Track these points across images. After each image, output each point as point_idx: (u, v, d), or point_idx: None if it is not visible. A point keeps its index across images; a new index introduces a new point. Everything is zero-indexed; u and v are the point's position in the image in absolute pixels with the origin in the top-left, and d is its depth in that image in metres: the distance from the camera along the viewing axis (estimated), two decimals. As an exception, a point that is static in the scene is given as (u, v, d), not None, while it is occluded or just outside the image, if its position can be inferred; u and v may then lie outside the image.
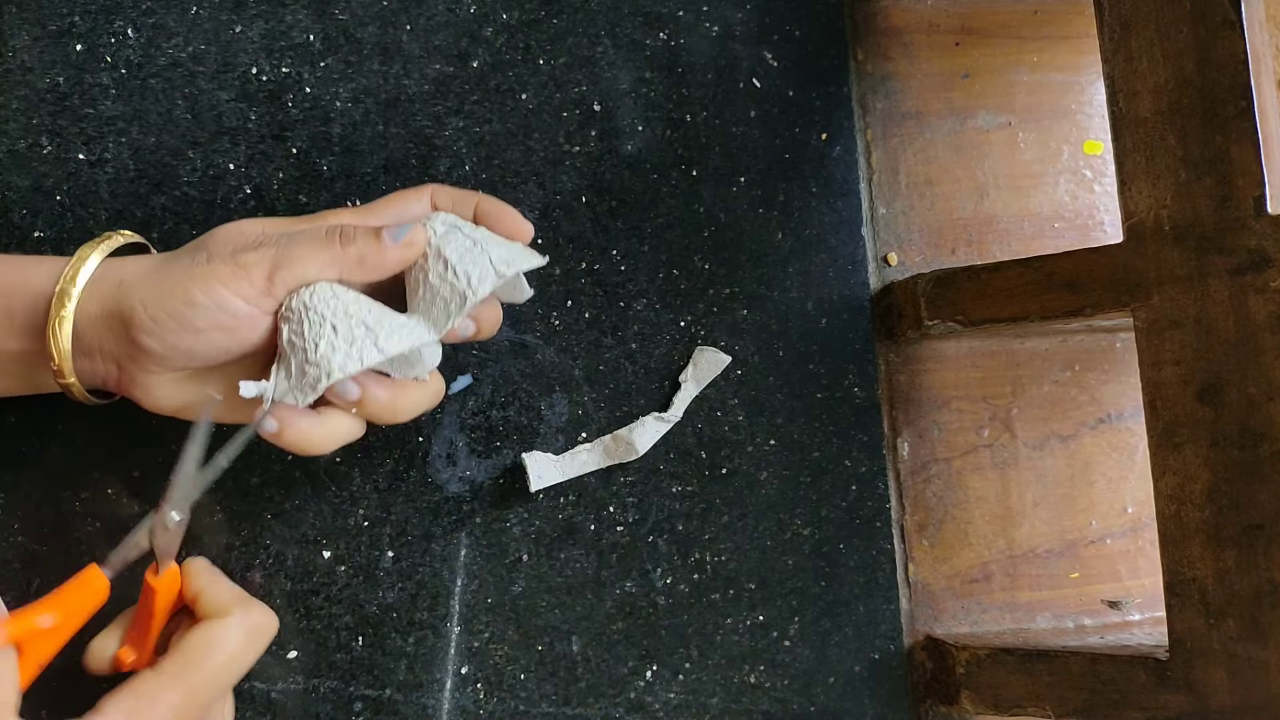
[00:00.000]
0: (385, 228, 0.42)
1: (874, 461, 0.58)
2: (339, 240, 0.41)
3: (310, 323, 0.40)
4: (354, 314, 0.41)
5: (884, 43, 0.62)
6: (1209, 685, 0.46)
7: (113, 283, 0.40)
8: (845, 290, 0.59)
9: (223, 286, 0.39)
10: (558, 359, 0.54)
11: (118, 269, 0.41)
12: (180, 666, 0.40)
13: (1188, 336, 0.47)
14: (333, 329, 0.40)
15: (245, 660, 0.42)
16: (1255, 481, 0.45)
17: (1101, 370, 0.63)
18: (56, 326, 0.40)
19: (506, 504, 0.53)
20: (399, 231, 0.42)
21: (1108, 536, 0.62)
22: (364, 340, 0.41)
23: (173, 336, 0.39)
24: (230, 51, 0.51)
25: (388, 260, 0.42)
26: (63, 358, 0.40)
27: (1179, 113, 0.47)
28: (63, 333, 0.40)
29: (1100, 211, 0.64)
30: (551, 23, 0.56)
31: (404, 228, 0.42)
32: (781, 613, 0.56)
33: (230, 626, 0.41)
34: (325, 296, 0.41)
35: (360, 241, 0.41)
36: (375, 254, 0.42)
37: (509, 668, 0.52)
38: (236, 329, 0.40)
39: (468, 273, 0.42)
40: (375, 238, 0.42)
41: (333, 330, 0.40)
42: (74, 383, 0.41)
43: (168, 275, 0.40)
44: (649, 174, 0.56)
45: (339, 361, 0.40)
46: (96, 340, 0.40)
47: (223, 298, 0.39)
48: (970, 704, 0.55)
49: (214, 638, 0.41)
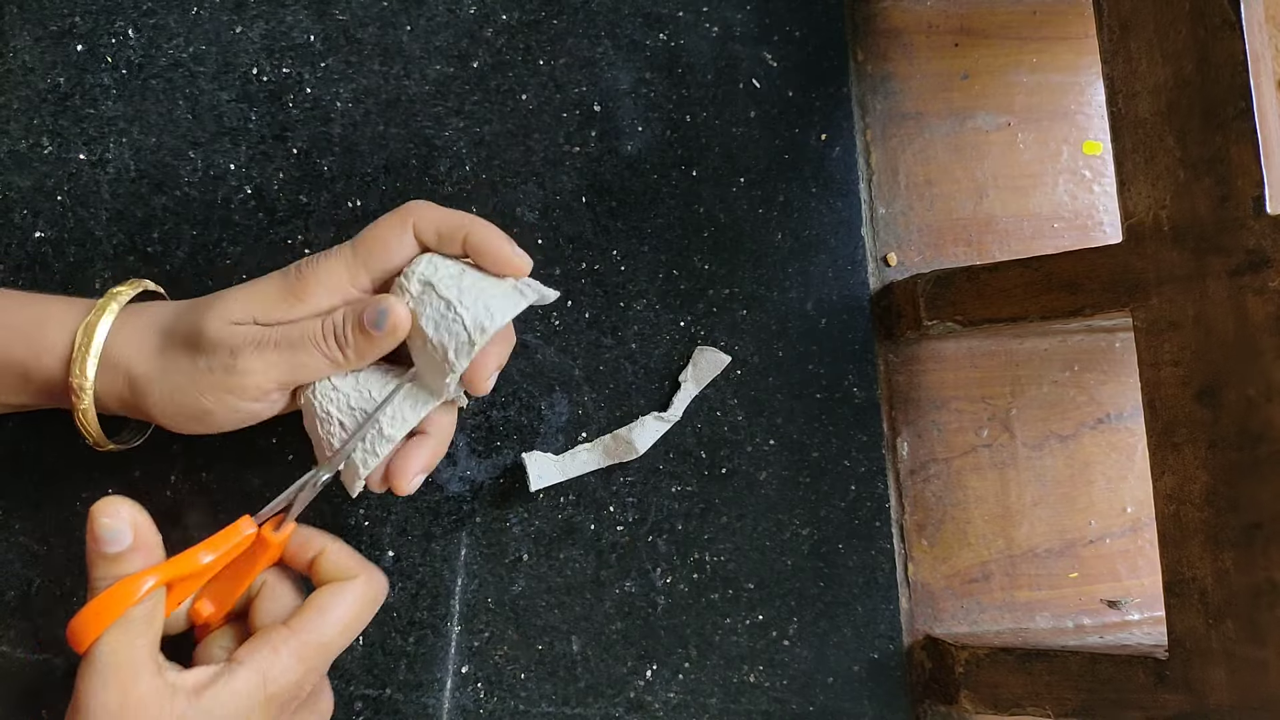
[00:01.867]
0: (365, 314, 0.42)
1: (873, 461, 0.58)
2: (337, 346, 0.42)
3: (320, 420, 0.43)
4: (355, 406, 0.43)
5: (884, 43, 0.62)
6: (1208, 685, 0.46)
7: (123, 377, 0.42)
8: (845, 290, 0.59)
9: (231, 396, 0.41)
10: (558, 359, 0.54)
11: (124, 354, 0.42)
12: (312, 623, 0.41)
13: (1187, 337, 0.47)
14: (340, 426, 0.43)
15: (364, 622, 0.43)
16: (1254, 482, 0.45)
17: (1101, 370, 0.63)
18: (83, 417, 0.42)
19: (506, 504, 0.53)
20: (379, 319, 0.41)
21: (1107, 536, 0.62)
22: (372, 436, 0.43)
23: (193, 427, 0.42)
24: (231, 52, 0.51)
25: (380, 349, 0.42)
26: (97, 439, 0.44)
27: (1178, 113, 0.47)
28: (89, 421, 0.42)
29: (1099, 212, 0.64)
30: (552, 23, 0.56)
31: (382, 311, 0.41)
32: (781, 613, 0.56)
33: (358, 588, 0.42)
34: (326, 391, 0.43)
35: (354, 342, 0.42)
36: (368, 347, 0.42)
37: (509, 667, 0.52)
38: (256, 414, 0.42)
39: (444, 345, 0.42)
40: (362, 332, 0.42)
41: (341, 427, 0.43)
42: (112, 448, 0.45)
43: (174, 382, 0.41)
44: (649, 174, 0.57)
45: (360, 457, 0.43)
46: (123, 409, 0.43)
47: (234, 404, 0.41)
48: (969, 704, 0.55)
49: (343, 599, 0.42)
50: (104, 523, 0.38)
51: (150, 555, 0.39)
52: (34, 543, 0.47)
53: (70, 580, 0.47)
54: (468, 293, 0.42)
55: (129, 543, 0.39)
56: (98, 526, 0.38)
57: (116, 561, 0.39)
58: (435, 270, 0.43)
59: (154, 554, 0.40)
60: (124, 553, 0.39)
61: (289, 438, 0.50)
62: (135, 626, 0.38)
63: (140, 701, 0.37)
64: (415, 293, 0.42)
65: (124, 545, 0.38)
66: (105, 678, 0.37)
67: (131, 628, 0.38)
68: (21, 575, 0.47)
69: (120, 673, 0.37)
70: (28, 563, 0.47)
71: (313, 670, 0.41)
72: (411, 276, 0.43)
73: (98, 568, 0.39)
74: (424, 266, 0.43)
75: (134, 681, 0.37)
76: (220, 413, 0.41)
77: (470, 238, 0.43)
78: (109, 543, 0.38)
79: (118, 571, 0.39)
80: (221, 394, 0.41)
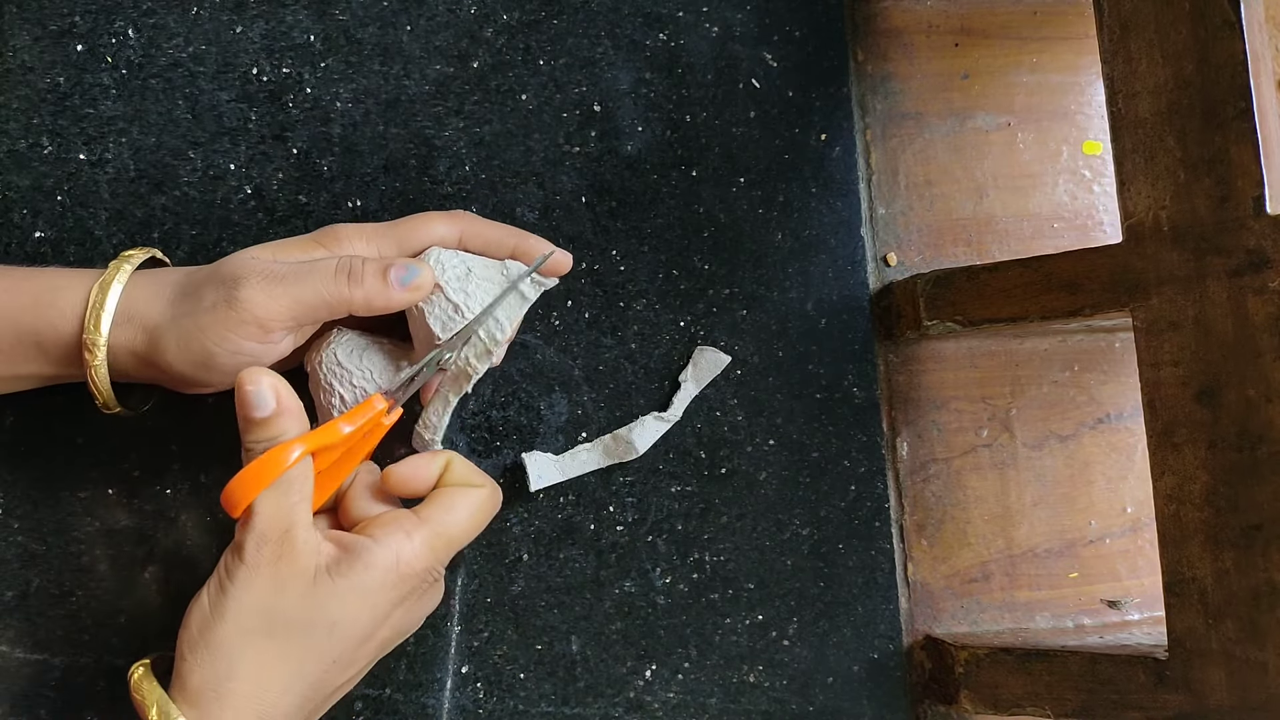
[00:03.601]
0: (393, 266, 0.43)
1: (873, 461, 0.58)
2: (347, 280, 0.42)
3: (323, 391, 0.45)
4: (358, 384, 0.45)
5: (884, 43, 0.62)
6: (1207, 685, 0.46)
7: (137, 329, 0.42)
8: (844, 290, 0.59)
9: (232, 334, 0.41)
10: (557, 359, 0.54)
11: (139, 309, 0.42)
12: (441, 517, 0.43)
13: (1186, 337, 0.47)
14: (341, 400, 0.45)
15: (481, 527, 0.45)
16: (1254, 482, 0.45)
17: (1100, 370, 0.63)
18: (95, 375, 0.42)
19: (506, 503, 0.53)
20: (406, 276, 0.43)
21: (1107, 536, 0.62)
22: None
23: (200, 376, 0.42)
24: (231, 52, 0.51)
25: (392, 303, 0.43)
26: (107, 399, 0.43)
27: (1178, 113, 0.47)
28: (100, 378, 0.42)
29: (1099, 212, 0.64)
30: (552, 23, 0.56)
31: (412, 269, 0.43)
32: (780, 612, 0.56)
33: (482, 494, 0.44)
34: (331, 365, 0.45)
35: (368, 282, 0.42)
36: (381, 296, 0.43)
37: (508, 667, 0.52)
38: (260, 356, 0.42)
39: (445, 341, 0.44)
40: (382, 279, 0.42)
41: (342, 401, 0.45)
42: (120, 411, 0.45)
43: (183, 327, 0.41)
44: (649, 174, 0.57)
45: None
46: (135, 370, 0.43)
47: (235, 345, 0.41)
48: (969, 704, 0.55)
49: (469, 500, 0.44)
50: (249, 390, 0.40)
51: (295, 419, 0.41)
52: (32, 542, 0.47)
53: (69, 580, 0.48)
54: (474, 297, 0.44)
55: (274, 407, 0.40)
56: (244, 393, 0.40)
57: (265, 425, 0.40)
58: (443, 271, 0.44)
59: (299, 418, 0.41)
60: (270, 417, 0.40)
61: (289, 438, 0.50)
62: (289, 488, 0.40)
63: (295, 553, 0.39)
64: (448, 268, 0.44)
65: (269, 410, 0.40)
66: (265, 537, 0.39)
67: (286, 489, 0.40)
68: (20, 575, 0.47)
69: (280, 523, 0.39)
70: (26, 562, 0.47)
71: (438, 561, 0.43)
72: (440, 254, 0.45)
73: (250, 432, 0.41)
74: (431, 264, 0.44)
75: (292, 531, 0.40)
76: (222, 355, 0.41)
77: (519, 245, 0.47)
78: (256, 407, 0.40)
79: (267, 434, 0.40)
80: (223, 331, 0.41)
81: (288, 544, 0.39)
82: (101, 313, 0.41)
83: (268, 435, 0.40)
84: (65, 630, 0.47)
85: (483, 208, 0.54)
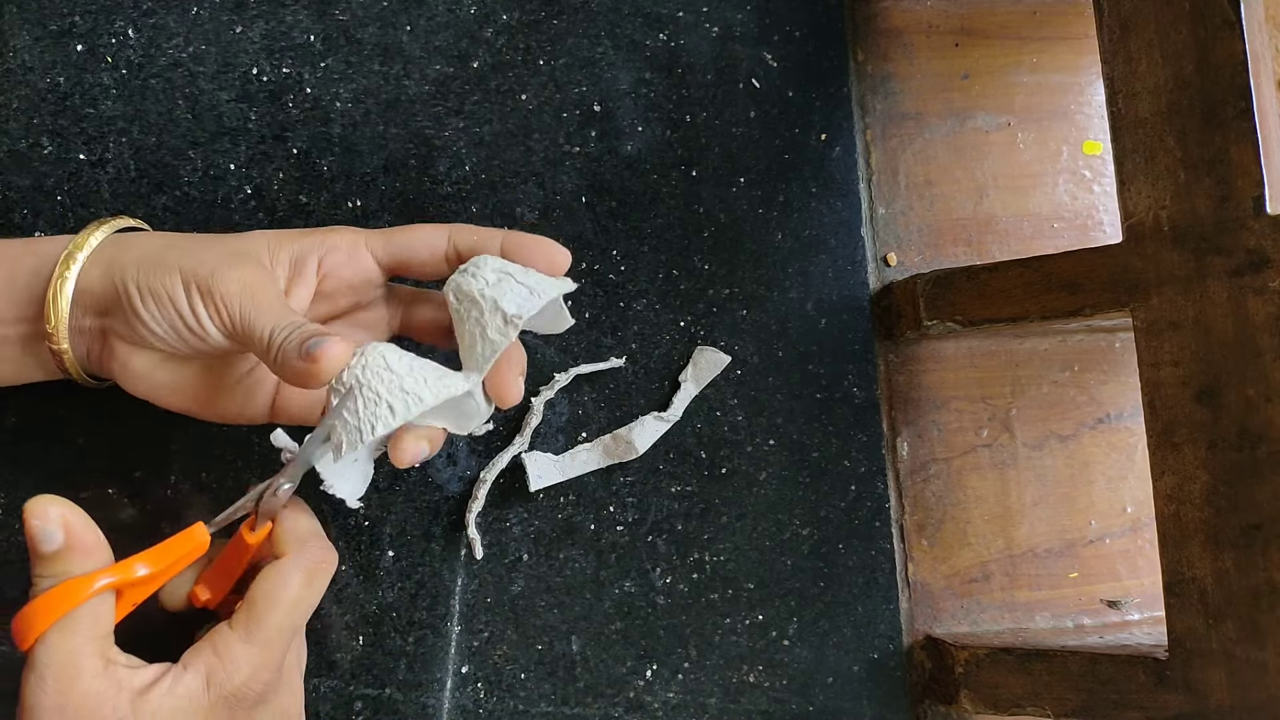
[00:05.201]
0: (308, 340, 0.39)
1: (873, 461, 0.58)
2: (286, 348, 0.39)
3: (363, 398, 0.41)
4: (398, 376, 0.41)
5: (884, 43, 0.62)
6: (1208, 685, 0.46)
7: (121, 250, 0.41)
8: (844, 290, 0.59)
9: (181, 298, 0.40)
10: (558, 359, 0.54)
11: (127, 241, 0.42)
12: (251, 618, 0.40)
13: (1186, 337, 0.47)
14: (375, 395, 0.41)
15: (308, 601, 0.42)
16: (1254, 483, 0.45)
17: (1100, 370, 0.63)
18: (58, 287, 0.41)
19: (506, 504, 0.53)
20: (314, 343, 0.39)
21: (1107, 536, 0.62)
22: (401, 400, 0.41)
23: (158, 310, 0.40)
24: (231, 52, 0.51)
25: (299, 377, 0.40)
26: (60, 320, 0.41)
27: (1178, 113, 0.47)
28: (63, 293, 0.41)
29: (1099, 212, 0.64)
30: (552, 23, 0.56)
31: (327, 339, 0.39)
32: (780, 613, 0.56)
33: (287, 569, 0.41)
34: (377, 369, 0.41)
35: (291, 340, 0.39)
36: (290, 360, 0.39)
37: (508, 667, 0.52)
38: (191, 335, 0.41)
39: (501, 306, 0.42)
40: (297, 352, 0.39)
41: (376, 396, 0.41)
42: (67, 349, 0.42)
43: (164, 260, 0.40)
44: (649, 174, 0.57)
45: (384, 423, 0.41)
46: (94, 304, 0.41)
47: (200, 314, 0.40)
48: (969, 704, 0.55)
49: (276, 584, 0.41)
50: (34, 524, 0.38)
51: (89, 555, 0.39)
52: (34, 542, 0.47)
53: (70, 580, 0.47)
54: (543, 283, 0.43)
55: (61, 541, 0.38)
56: (30, 527, 0.38)
57: (54, 560, 0.38)
58: (505, 264, 0.43)
59: (94, 553, 0.39)
60: (59, 551, 0.38)
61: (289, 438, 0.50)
62: (78, 626, 0.38)
63: (81, 701, 0.37)
64: (492, 280, 0.42)
65: (56, 544, 0.38)
66: (44, 677, 0.37)
67: (74, 628, 0.37)
68: (21, 575, 0.47)
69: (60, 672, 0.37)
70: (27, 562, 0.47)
71: (262, 667, 0.40)
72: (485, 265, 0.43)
73: (36, 566, 0.39)
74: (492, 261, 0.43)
75: (74, 681, 0.37)
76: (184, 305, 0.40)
77: (509, 240, 0.44)
78: (42, 542, 0.38)
79: (57, 570, 0.38)
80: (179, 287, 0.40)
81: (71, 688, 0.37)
82: (90, 236, 0.42)
83: (55, 571, 0.38)
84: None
85: (483, 208, 0.54)
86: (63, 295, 0.41)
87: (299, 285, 0.44)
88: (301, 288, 0.44)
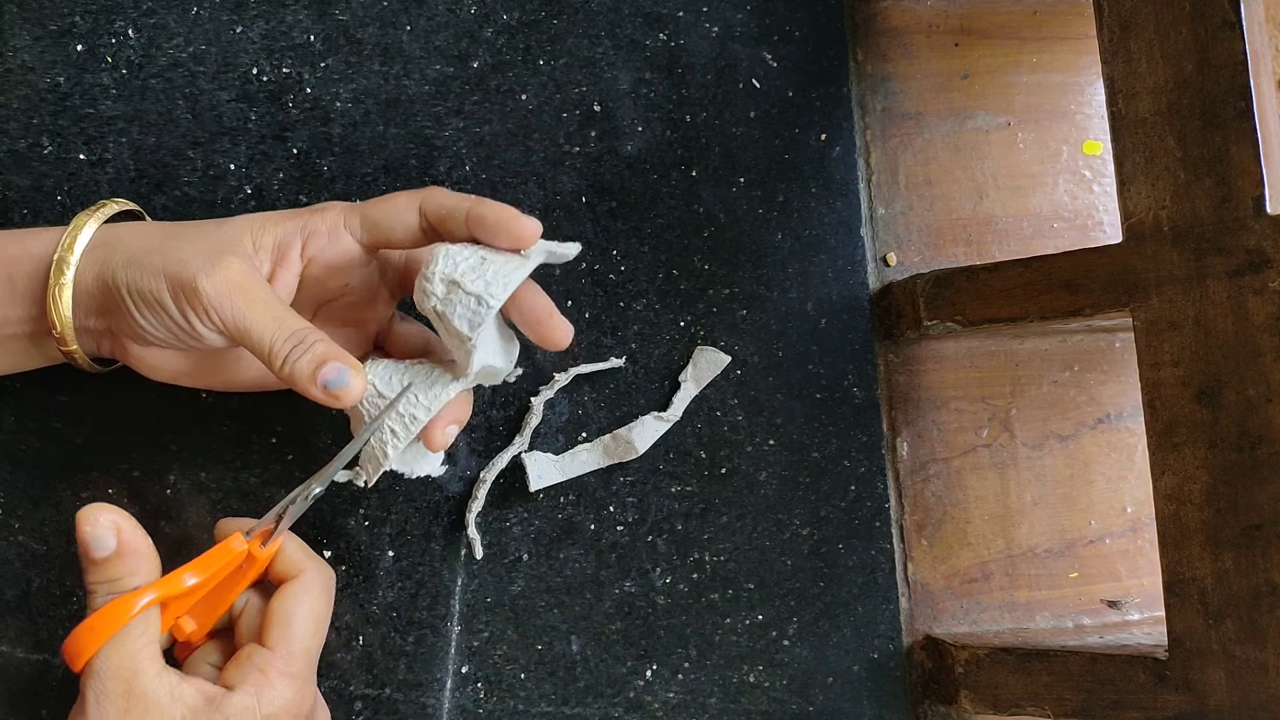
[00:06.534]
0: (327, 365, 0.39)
1: (873, 461, 0.58)
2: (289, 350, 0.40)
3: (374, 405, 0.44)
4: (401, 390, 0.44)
5: (883, 43, 0.62)
6: (1207, 685, 0.46)
7: (110, 250, 0.41)
8: (844, 290, 0.59)
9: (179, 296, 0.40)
10: (558, 359, 0.54)
11: (115, 236, 0.42)
12: (290, 638, 0.41)
13: (1186, 337, 0.47)
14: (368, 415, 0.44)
15: (327, 613, 0.43)
16: (1254, 483, 0.45)
17: (1100, 370, 0.63)
18: (56, 294, 0.41)
19: (506, 504, 0.53)
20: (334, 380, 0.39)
21: (1107, 536, 0.62)
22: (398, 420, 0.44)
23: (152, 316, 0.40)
24: (231, 52, 0.51)
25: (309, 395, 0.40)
26: (64, 325, 0.41)
27: (1178, 113, 0.47)
28: (63, 300, 0.41)
29: (1099, 212, 0.64)
30: (552, 23, 0.56)
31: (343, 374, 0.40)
32: (780, 613, 0.56)
33: (312, 587, 0.42)
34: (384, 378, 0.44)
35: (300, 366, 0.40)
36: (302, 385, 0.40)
37: (508, 667, 0.52)
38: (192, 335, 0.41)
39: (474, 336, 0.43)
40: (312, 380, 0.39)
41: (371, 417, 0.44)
42: (76, 349, 0.42)
43: (148, 263, 0.40)
44: (649, 174, 0.57)
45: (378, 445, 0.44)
46: (95, 305, 0.41)
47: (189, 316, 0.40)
48: (969, 704, 0.55)
49: (301, 599, 0.42)
50: (86, 531, 0.39)
51: (139, 559, 0.39)
52: (34, 542, 0.47)
53: (70, 580, 0.47)
54: (494, 284, 0.41)
55: (114, 547, 0.39)
56: (82, 534, 0.39)
57: (106, 566, 0.39)
58: (455, 266, 0.41)
59: (143, 558, 0.40)
60: (111, 558, 0.39)
61: (289, 438, 0.50)
62: (132, 638, 0.38)
63: (144, 698, 0.37)
64: (441, 294, 0.41)
65: (109, 550, 0.39)
66: (105, 681, 0.37)
67: (128, 639, 0.38)
68: (21, 575, 0.47)
69: (123, 673, 0.37)
70: (27, 562, 0.47)
71: (306, 684, 0.41)
72: (433, 278, 0.42)
73: (89, 574, 0.39)
74: (442, 264, 0.41)
75: (136, 680, 0.37)
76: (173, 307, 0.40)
77: (473, 210, 0.42)
78: (95, 548, 0.39)
79: (109, 576, 0.39)
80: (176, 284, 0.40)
81: (135, 697, 0.37)
82: (79, 234, 0.41)
83: (108, 576, 0.39)
84: (66, 631, 0.47)
85: (483, 208, 0.54)
86: (62, 302, 0.41)
87: (284, 271, 0.43)
88: (286, 273, 0.43)
